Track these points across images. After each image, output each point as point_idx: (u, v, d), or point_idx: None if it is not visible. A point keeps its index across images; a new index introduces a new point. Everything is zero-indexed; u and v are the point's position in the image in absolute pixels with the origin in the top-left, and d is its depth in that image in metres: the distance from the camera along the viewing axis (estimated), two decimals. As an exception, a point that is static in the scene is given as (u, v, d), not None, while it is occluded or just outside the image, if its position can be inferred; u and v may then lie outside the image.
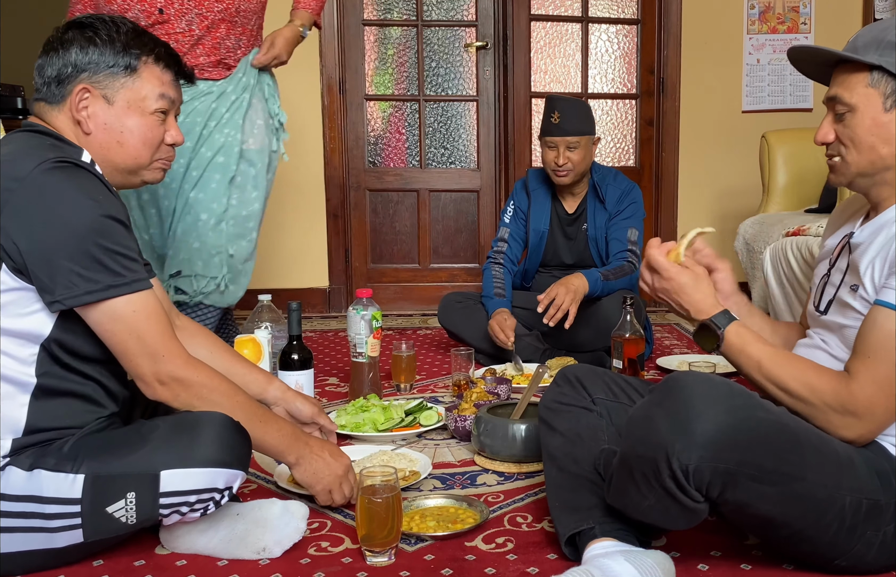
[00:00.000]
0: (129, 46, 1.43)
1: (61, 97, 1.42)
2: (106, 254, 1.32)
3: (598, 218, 2.93)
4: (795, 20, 4.16)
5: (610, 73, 4.26)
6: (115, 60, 1.42)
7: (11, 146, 1.38)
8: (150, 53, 1.46)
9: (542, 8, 4.14)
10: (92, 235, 1.31)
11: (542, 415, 1.58)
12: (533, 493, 1.74)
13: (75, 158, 1.37)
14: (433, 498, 1.65)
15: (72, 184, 1.32)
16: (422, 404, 2.19)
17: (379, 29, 4.20)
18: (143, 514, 1.34)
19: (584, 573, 1.25)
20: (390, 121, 4.30)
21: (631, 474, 1.26)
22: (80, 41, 1.41)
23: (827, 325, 1.41)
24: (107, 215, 1.33)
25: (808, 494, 1.22)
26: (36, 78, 1.45)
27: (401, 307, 4.20)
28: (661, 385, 1.26)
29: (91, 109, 1.42)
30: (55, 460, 1.32)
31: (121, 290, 1.33)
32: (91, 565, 1.42)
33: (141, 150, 1.47)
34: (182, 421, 1.38)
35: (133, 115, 1.45)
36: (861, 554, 1.27)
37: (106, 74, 1.42)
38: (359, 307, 2.34)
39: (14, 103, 2.78)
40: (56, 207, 1.30)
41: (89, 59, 1.41)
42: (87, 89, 1.42)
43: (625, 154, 4.30)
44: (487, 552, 1.47)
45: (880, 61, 1.29)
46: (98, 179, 1.39)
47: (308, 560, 1.44)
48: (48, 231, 1.29)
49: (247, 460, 1.42)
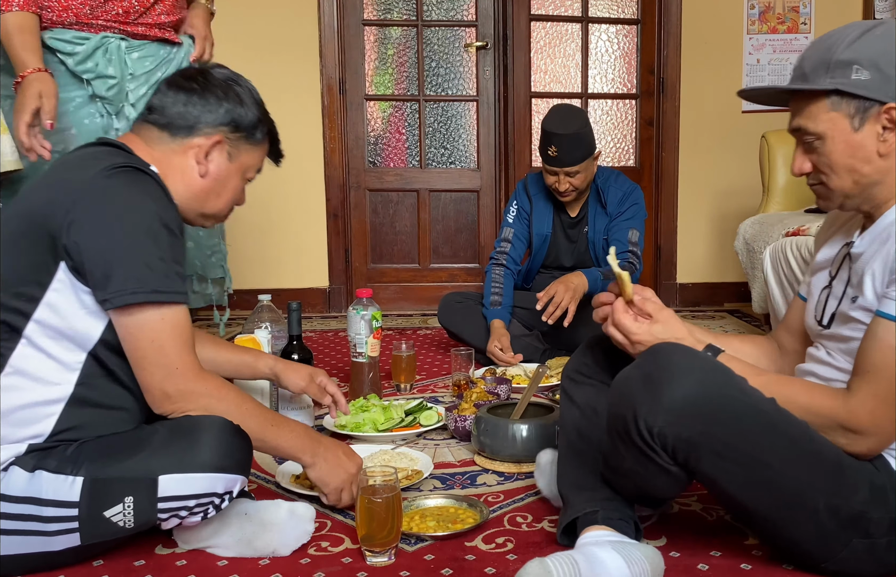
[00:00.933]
0: (262, 121, 1.55)
1: (189, 133, 1.48)
2: (157, 259, 1.34)
3: (598, 222, 2.93)
4: (795, 20, 4.16)
5: (610, 73, 4.26)
6: (251, 130, 1.53)
7: (82, 152, 1.45)
8: (268, 132, 1.58)
9: (542, 8, 4.14)
10: (147, 239, 1.34)
11: (564, 384, 1.59)
12: (533, 493, 1.74)
13: (141, 166, 1.40)
14: (433, 498, 1.65)
15: (134, 187, 1.36)
16: (422, 404, 2.19)
17: (379, 29, 4.20)
18: (141, 518, 1.34)
19: (568, 558, 1.26)
20: (390, 121, 4.30)
21: (611, 433, 1.30)
22: (233, 99, 1.50)
23: (831, 337, 1.39)
24: (163, 223, 1.36)
25: (774, 482, 1.23)
26: (166, 105, 1.48)
27: (401, 307, 4.20)
28: (648, 350, 1.30)
29: (215, 158, 1.50)
30: (57, 462, 1.33)
31: (161, 296, 1.34)
32: (91, 565, 1.42)
33: (226, 206, 1.57)
34: (181, 426, 1.37)
35: (237, 176, 1.55)
36: (849, 561, 1.27)
37: (239, 136, 1.52)
38: (359, 307, 2.34)
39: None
40: (117, 208, 1.33)
41: (234, 118, 1.50)
42: (222, 141, 1.50)
43: (625, 154, 4.30)
44: (487, 552, 1.47)
45: (834, 84, 1.26)
46: (160, 187, 1.42)
47: (308, 560, 1.44)
48: (107, 230, 1.32)
49: (247, 465, 1.42)
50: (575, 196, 2.91)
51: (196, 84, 1.49)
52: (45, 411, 1.35)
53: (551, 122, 2.83)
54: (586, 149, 2.82)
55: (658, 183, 4.23)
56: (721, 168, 4.22)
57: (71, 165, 1.43)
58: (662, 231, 4.25)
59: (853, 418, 1.25)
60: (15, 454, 1.33)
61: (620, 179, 2.96)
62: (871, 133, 1.28)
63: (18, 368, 1.34)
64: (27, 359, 1.34)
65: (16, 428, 1.33)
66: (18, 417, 1.33)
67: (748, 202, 4.04)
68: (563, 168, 2.80)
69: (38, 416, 1.34)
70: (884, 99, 1.25)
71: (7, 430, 1.32)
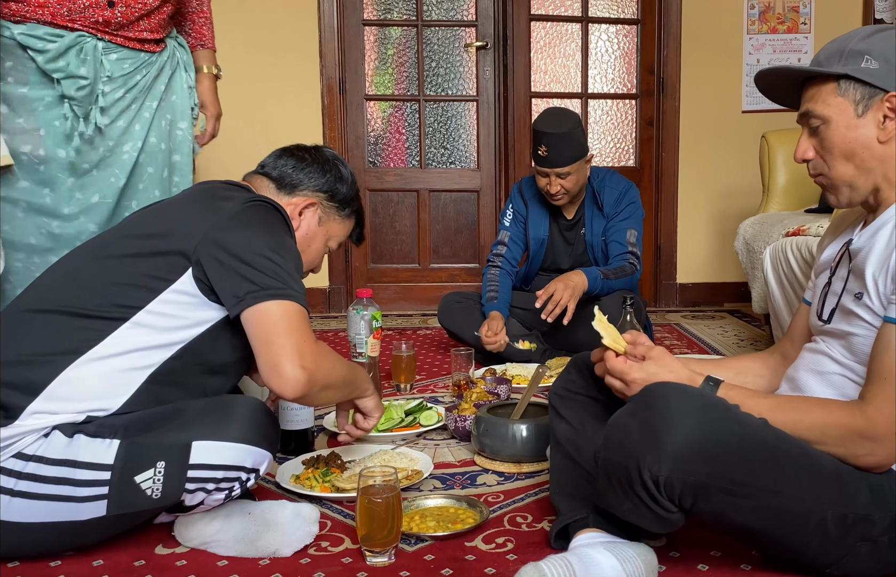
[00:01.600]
0: (352, 200, 1.79)
1: (292, 190, 1.70)
2: (281, 268, 1.47)
3: (595, 224, 2.93)
4: (795, 20, 4.16)
5: (610, 73, 4.26)
6: (343, 205, 1.76)
7: (225, 187, 1.63)
8: (355, 211, 1.81)
9: (542, 8, 4.14)
10: (274, 251, 1.48)
11: (552, 401, 1.59)
12: (533, 493, 1.74)
13: (273, 203, 1.59)
14: (433, 498, 1.65)
15: (268, 219, 1.54)
16: (422, 404, 2.19)
17: (379, 29, 4.20)
18: (169, 487, 1.36)
19: (563, 560, 1.26)
20: (390, 121, 4.30)
21: (609, 480, 1.28)
22: (335, 173, 1.74)
23: (831, 333, 1.40)
24: (286, 244, 1.53)
25: (785, 507, 1.22)
26: (278, 165, 1.71)
27: (401, 307, 4.20)
28: (639, 394, 1.28)
29: (307, 217, 1.71)
30: (96, 427, 1.38)
31: (282, 292, 1.45)
32: (91, 564, 1.42)
33: (307, 265, 1.74)
34: (217, 401, 1.46)
35: (321, 241, 1.75)
36: (852, 564, 1.27)
37: (332, 206, 1.75)
38: (359, 307, 2.34)
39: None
40: (252, 229, 1.49)
41: (332, 188, 1.73)
42: (316, 205, 1.71)
43: (625, 154, 4.30)
44: (487, 552, 1.47)
45: (845, 69, 1.30)
46: (286, 220, 1.60)
47: (308, 560, 1.44)
48: (244, 246, 1.46)
49: (275, 444, 1.49)
50: (567, 200, 2.90)
51: (308, 155, 1.73)
52: (116, 393, 1.42)
53: (542, 122, 2.83)
54: (578, 150, 2.81)
55: (658, 183, 4.23)
56: (721, 168, 4.22)
57: (209, 194, 1.58)
58: (662, 231, 4.25)
59: (871, 425, 1.24)
60: (73, 420, 1.38)
61: (615, 178, 2.96)
62: (872, 120, 1.31)
63: (110, 346, 1.41)
64: (118, 341, 1.42)
65: (85, 398, 1.39)
66: (94, 391, 1.40)
67: (748, 202, 4.04)
68: (553, 169, 2.80)
69: (111, 395, 1.42)
70: (888, 88, 1.29)
71: (77, 398, 1.39)
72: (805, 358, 1.45)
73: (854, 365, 1.34)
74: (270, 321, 1.42)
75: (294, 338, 1.42)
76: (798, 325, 1.57)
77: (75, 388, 1.39)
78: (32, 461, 1.34)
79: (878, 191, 1.34)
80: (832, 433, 1.26)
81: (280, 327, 1.42)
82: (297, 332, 1.43)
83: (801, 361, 1.46)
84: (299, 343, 1.42)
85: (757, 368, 1.58)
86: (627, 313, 2.19)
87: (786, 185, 3.64)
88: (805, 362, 1.44)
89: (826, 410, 1.29)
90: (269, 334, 1.42)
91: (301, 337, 1.43)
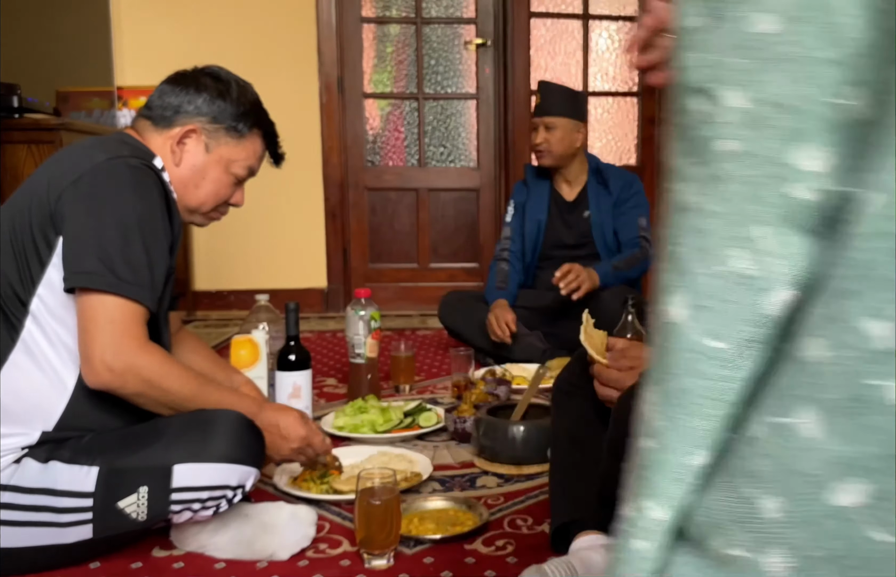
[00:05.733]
0: (246, 115, 1.56)
1: (168, 124, 1.52)
2: (122, 252, 1.32)
3: (602, 203, 2.94)
4: (796, 18, 4.15)
5: (611, 70, 4.24)
6: (231, 122, 1.55)
7: (96, 139, 1.48)
8: (260, 128, 1.60)
9: (542, 5, 4.12)
10: (121, 230, 1.33)
11: (554, 396, 1.57)
12: (533, 495, 1.72)
13: (148, 160, 1.44)
14: (432, 500, 1.64)
15: (132, 179, 1.37)
16: (421, 405, 2.18)
17: (378, 26, 4.18)
18: (154, 510, 1.33)
19: (564, 564, 1.25)
20: (389, 119, 4.28)
21: (617, 457, 1.25)
22: (211, 91, 1.54)
23: None
24: (140, 221, 1.35)
25: None
26: (154, 99, 1.54)
27: (400, 308, 4.19)
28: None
29: (189, 147, 1.53)
30: (71, 452, 1.33)
31: (120, 288, 1.30)
32: (88, 568, 1.40)
33: (208, 199, 1.57)
34: (196, 418, 1.38)
35: (217, 169, 1.56)
36: None
37: (217, 128, 1.54)
38: (357, 307, 2.32)
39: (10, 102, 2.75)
40: (107, 196, 1.34)
41: (211, 109, 1.53)
42: (195, 131, 1.53)
43: (626, 152, 4.29)
44: (487, 554, 1.45)
45: None
46: (161, 182, 1.43)
47: (306, 563, 1.42)
48: (88, 214, 1.33)
49: (261, 459, 1.43)
50: (549, 161, 2.92)
51: (182, 78, 1.55)
52: (52, 396, 1.35)
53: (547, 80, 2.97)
54: (571, 107, 2.88)
55: (660, 182, 4.21)
56: (722, 167, 4.21)
57: (82, 147, 1.44)
58: (663, 230, 4.23)
59: None
60: (28, 441, 1.33)
61: (619, 169, 3.03)
62: None
63: (27, 348, 1.34)
64: (35, 340, 1.34)
65: (28, 413, 1.33)
66: (29, 401, 1.33)
67: (749, 201, 4.03)
68: (542, 117, 2.87)
69: (48, 400, 1.34)
70: None
71: (21, 414, 1.32)
72: None
73: None
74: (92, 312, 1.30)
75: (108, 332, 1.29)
76: None
77: (11, 400, 1.31)
78: (7, 491, 1.30)
79: None
80: None
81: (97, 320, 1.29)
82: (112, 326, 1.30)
83: None
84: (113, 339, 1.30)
85: None
86: (629, 314, 2.17)
87: (787, 183, 3.63)
88: None
89: None
90: (87, 322, 1.30)
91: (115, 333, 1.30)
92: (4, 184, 2.70)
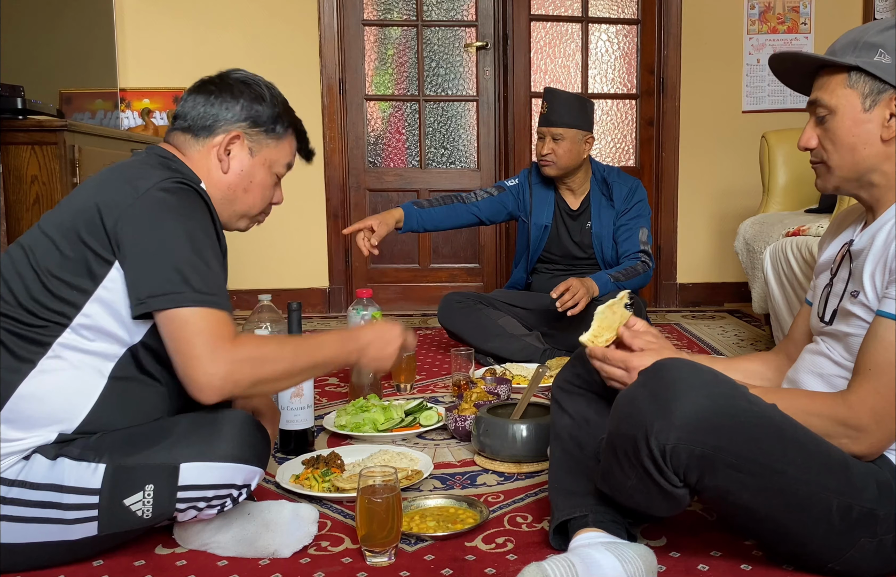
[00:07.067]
0: (282, 115, 1.60)
1: (210, 133, 1.53)
2: (191, 267, 1.34)
3: (603, 215, 2.93)
4: (795, 20, 4.16)
5: (610, 73, 4.26)
6: (270, 124, 1.57)
7: (136, 160, 1.49)
8: (293, 127, 1.63)
9: (542, 8, 4.14)
10: (186, 249, 1.34)
11: (555, 393, 1.58)
12: (533, 493, 1.74)
13: (195, 185, 1.44)
14: (433, 498, 1.65)
15: (186, 201, 1.39)
16: (422, 404, 2.19)
17: (379, 29, 4.20)
18: (160, 508, 1.35)
19: (565, 560, 1.26)
20: (390, 121, 4.30)
21: (615, 454, 1.27)
22: (247, 96, 1.55)
23: (832, 334, 1.40)
24: (203, 234, 1.39)
25: (789, 488, 1.22)
26: (188, 110, 1.54)
27: (401, 307, 4.20)
28: (649, 368, 1.28)
29: (235, 153, 1.55)
30: (80, 450, 1.34)
31: (198, 300, 1.32)
32: (91, 565, 1.42)
33: (258, 202, 1.61)
34: (203, 417, 1.40)
35: (263, 171, 1.59)
36: (855, 561, 1.27)
37: (258, 131, 1.56)
38: (359, 307, 2.34)
39: (14, 103, 2.76)
40: (167, 218, 1.36)
41: (251, 114, 1.55)
42: (239, 137, 1.54)
43: (625, 154, 4.30)
44: (487, 552, 1.47)
45: (857, 61, 1.29)
46: (207, 205, 1.45)
47: (308, 560, 1.44)
48: (151, 239, 1.34)
49: (266, 458, 1.45)
50: (555, 171, 2.91)
51: (213, 86, 1.55)
52: (78, 401, 1.36)
53: (554, 87, 2.93)
54: (578, 119, 2.85)
55: (658, 183, 4.23)
56: (721, 168, 4.22)
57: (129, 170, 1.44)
58: (662, 231, 4.24)
59: (853, 413, 1.25)
60: (45, 441, 1.34)
61: (623, 175, 2.99)
62: (878, 117, 1.30)
63: (59, 354, 1.34)
64: (68, 349, 1.35)
65: (51, 414, 1.34)
66: (54, 403, 1.34)
67: (748, 202, 4.04)
68: (549, 127, 2.84)
69: (73, 404, 1.35)
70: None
71: (43, 415, 1.33)
72: (805, 359, 1.45)
73: (853, 366, 1.34)
74: (177, 328, 1.32)
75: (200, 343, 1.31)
76: (800, 326, 1.57)
77: (36, 405, 1.33)
78: (15, 487, 1.31)
79: (873, 187, 1.34)
80: (815, 423, 1.26)
81: (186, 335, 1.31)
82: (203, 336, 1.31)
83: (801, 362, 1.46)
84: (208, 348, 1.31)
85: (762, 371, 1.58)
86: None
87: (786, 185, 3.64)
88: (805, 363, 1.44)
89: (810, 399, 1.31)
90: (177, 343, 1.32)
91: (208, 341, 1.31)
92: (8, 185, 2.71)
